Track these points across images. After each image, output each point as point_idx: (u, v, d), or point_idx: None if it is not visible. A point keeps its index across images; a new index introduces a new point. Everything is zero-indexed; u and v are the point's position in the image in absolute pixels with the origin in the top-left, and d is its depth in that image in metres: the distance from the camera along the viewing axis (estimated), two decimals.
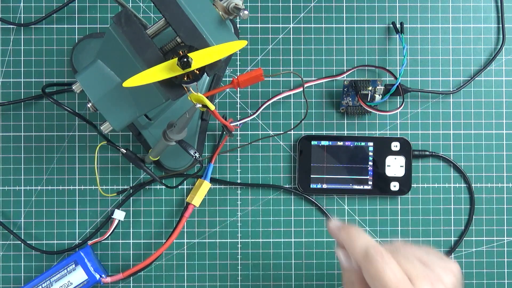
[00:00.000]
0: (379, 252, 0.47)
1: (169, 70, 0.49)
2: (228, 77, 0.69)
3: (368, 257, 0.48)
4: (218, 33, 0.53)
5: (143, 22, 0.59)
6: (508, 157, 0.69)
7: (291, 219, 0.69)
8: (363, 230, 0.51)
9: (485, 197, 0.69)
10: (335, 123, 0.69)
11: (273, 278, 0.69)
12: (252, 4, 0.69)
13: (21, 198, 0.68)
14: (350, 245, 0.50)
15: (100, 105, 0.55)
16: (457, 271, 0.50)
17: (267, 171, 0.69)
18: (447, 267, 0.49)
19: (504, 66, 0.70)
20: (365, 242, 0.49)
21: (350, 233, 0.51)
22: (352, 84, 0.66)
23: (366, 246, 0.48)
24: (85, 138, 0.69)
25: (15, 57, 0.69)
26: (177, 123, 0.57)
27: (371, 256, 0.47)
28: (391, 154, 0.68)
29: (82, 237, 0.68)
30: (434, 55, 0.70)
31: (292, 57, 0.69)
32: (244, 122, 0.66)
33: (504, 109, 0.69)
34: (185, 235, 0.69)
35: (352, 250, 0.49)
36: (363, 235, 0.50)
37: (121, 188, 0.69)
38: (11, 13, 0.69)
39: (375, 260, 0.47)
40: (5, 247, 0.68)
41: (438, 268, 0.49)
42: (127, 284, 0.68)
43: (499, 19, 0.70)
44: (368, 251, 0.48)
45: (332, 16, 0.70)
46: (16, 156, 0.68)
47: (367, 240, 0.49)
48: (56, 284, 0.63)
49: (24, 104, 0.69)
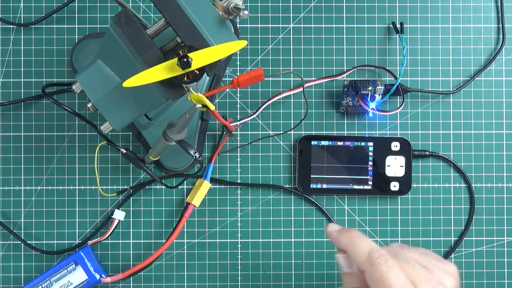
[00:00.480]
0: (382, 256, 0.47)
1: (169, 70, 0.49)
2: (228, 77, 0.69)
3: (372, 261, 0.47)
4: (218, 33, 0.53)
5: (143, 22, 0.59)
6: (508, 157, 0.69)
7: (291, 219, 0.69)
8: (363, 234, 0.51)
9: (485, 197, 0.69)
10: (335, 123, 0.69)
11: (273, 278, 0.69)
12: (252, 4, 0.69)
13: (21, 198, 0.68)
14: (352, 249, 0.49)
15: (100, 105, 0.55)
16: (456, 272, 0.50)
17: (267, 171, 0.69)
18: (446, 269, 0.49)
19: (504, 66, 0.70)
20: (367, 245, 0.49)
21: (351, 237, 0.50)
22: (352, 84, 0.66)
23: (369, 250, 0.48)
24: (85, 138, 0.69)
25: (15, 57, 0.69)
26: (177, 123, 0.57)
27: (374, 260, 0.47)
28: (391, 154, 0.68)
29: (82, 237, 0.68)
30: (434, 55, 0.70)
31: (292, 57, 0.69)
32: (244, 122, 0.66)
33: (504, 109, 0.69)
34: (185, 235, 0.69)
35: (354, 254, 0.49)
36: (365, 239, 0.50)
37: (121, 188, 0.69)
38: (11, 13, 0.69)
39: (379, 264, 0.47)
40: (5, 247, 0.68)
41: (438, 270, 0.49)
42: (127, 284, 0.68)
43: (499, 19, 0.70)
44: (372, 255, 0.48)
45: (332, 16, 0.70)
46: (16, 156, 0.68)
47: (369, 243, 0.49)
48: (56, 284, 0.63)
49: (24, 104, 0.69)
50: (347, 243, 0.50)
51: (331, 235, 0.52)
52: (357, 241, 0.49)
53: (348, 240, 0.50)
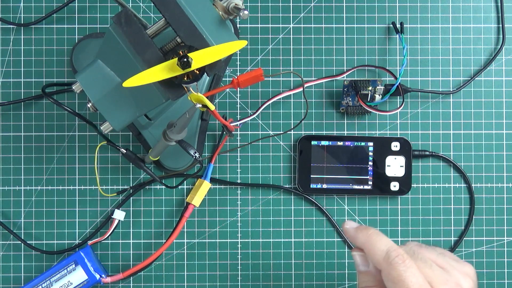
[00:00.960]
0: (400, 255, 0.47)
1: (169, 70, 0.49)
2: (228, 77, 0.69)
3: (390, 261, 0.47)
4: (218, 33, 0.53)
5: (143, 22, 0.59)
6: (508, 157, 0.69)
7: (291, 219, 0.69)
8: (381, 232, 0.50)
9: (485, 197, 0.69)
10: (335, 123, 0.69)
11: (273, 278, 0.69)
12: (252, 4, 0.69)
13: (21, 198, 0.68)
14: (370, 248, 0.49)
15: (100, 105, 0.55)
16: (473, 274, 0.49)
17: (267, 171, 0.69)
18: (463, 271, 0.49)
19: (504, 66, 0.70)
20: (385, 244, 0.48)
21: (369, 235, 0.49)
22: (352, 84, 0.66)
23: (387, 248, 0.48)
24: (85, 138, 0.69)
25: (15, 57, 0.69)
26: (177, 123, 0.57)
27: (392, 259, 0.47)
28: (391, 154, 0.68)
29: (82, 237, 0.68)
30: (434, 55, 0.70)
31: (292, 57, 0.69)
32: (244, 122, 0.66)
33: (504, 109, 0.69)
34: (185, 235, 0.69)
35: (371, 253, 0.48)
36: (383, 237, 0.49)
37: (121, 188, 0.69)
38: (11, 13, 0.69)
39: (396, 263, 0.46)
40: (5, 247, 0.68)
41: (455, 271, 0.48)
42: (127, 284, 0.68)
43: (499, 19, 0.70)
44: (389, 254, 0.47)
45: (332, 16, 0.70)
46: (16, 156, 0.68)
47: (387, 242, 0.48)
48: (56, 284, 0.63)
49: (24, 104, 0.69)
50: (365, 241, 0.49)
51: (348, 233, 0.51)
52: (375, 240, 0.49)
53: (365, 238, 0.49)
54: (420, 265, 0.47)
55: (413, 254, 0.48)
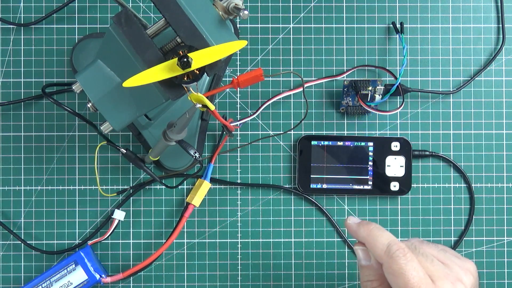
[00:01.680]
0: (401, 249, 0.47)
1: (169, 70, 0.49)
2: (228, 77, 0.69)
3: (391, 254, 0.47)
4: (218, 33, 0.53)
5: (143, 22, 0.59)
6: (508, 157, 0.69)
7: (291, 219, 0.69)
8: (383, 227, 0.51)
9: (485, 197, 0.69)
10: (335, 123, 0.69)
11: (273, 278, 0.69)
12: (252, 4, 0.69)
13: (21, 198, 0.68)
14: (371, 242, 0.49)
15: (100, 105, 0.55)
16: (474, 270, 0.50)
17: (267, 171, 0.69)
18: (465, 267, 0.49)
19: (504, 66, 0.70)
20: (386, 238, 0.49)
21: (371, 229, 0.50)
22: (352, 84, 0.66)
23: (388, 242, 0.48)
24: (85, 138, 0.69)
25: (15, 57, 0.69)
26: (177, 123, 0.57)
27: (393, 253, 0.47)
28: (391, 154, 0.68)
29: (82, 237, 0.68)
30: (434, 55, 0.70)
31: (292, 57, 0.69)
32: (244, 122, 0.66)
33: (504, 109, 0.69)
34: (185, 235, 0.69)
35: (373, 247, 0.49)
36: (385, 232, 0.50)
37: (121, 188, 0.69)
38: (11, 13, 0.69)
39: (397, 257, 0.47)
40: (5, 247, 0.68)
41: (456, 267, 0.49)
42: (127, 284, 0.68)
43: (499, 19, 0.70)
44: (390, 247, 0.48)
45: (332, 16, 0.70)
46: (16, 156, 0.68)
47: (388, 236, 0.49)
48: (56, 284, 0.63)
49: (24, 104, 0.69)
50: (366, 236, 0.50)
51: (350, 228, 0.52)
52: (376, 234, 0.49)
53: (367, 233, 0.50)
54: (421, 260, 0.48)
55: (415, 249, 0.49)
